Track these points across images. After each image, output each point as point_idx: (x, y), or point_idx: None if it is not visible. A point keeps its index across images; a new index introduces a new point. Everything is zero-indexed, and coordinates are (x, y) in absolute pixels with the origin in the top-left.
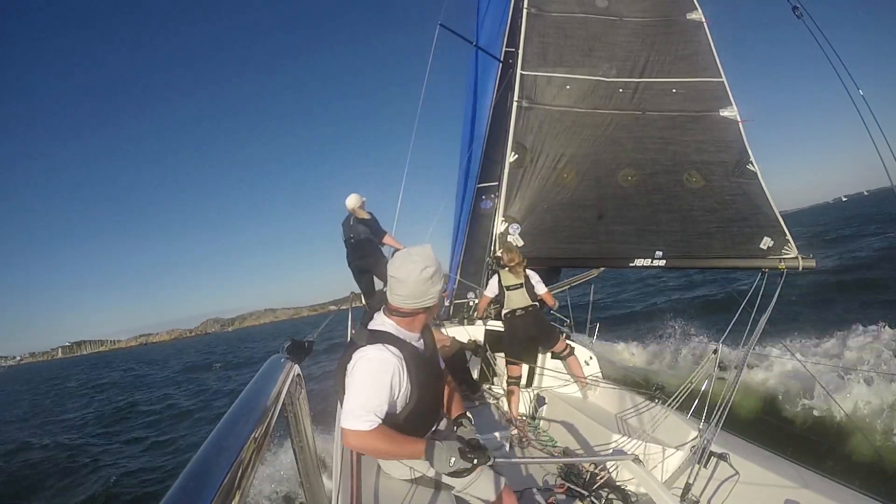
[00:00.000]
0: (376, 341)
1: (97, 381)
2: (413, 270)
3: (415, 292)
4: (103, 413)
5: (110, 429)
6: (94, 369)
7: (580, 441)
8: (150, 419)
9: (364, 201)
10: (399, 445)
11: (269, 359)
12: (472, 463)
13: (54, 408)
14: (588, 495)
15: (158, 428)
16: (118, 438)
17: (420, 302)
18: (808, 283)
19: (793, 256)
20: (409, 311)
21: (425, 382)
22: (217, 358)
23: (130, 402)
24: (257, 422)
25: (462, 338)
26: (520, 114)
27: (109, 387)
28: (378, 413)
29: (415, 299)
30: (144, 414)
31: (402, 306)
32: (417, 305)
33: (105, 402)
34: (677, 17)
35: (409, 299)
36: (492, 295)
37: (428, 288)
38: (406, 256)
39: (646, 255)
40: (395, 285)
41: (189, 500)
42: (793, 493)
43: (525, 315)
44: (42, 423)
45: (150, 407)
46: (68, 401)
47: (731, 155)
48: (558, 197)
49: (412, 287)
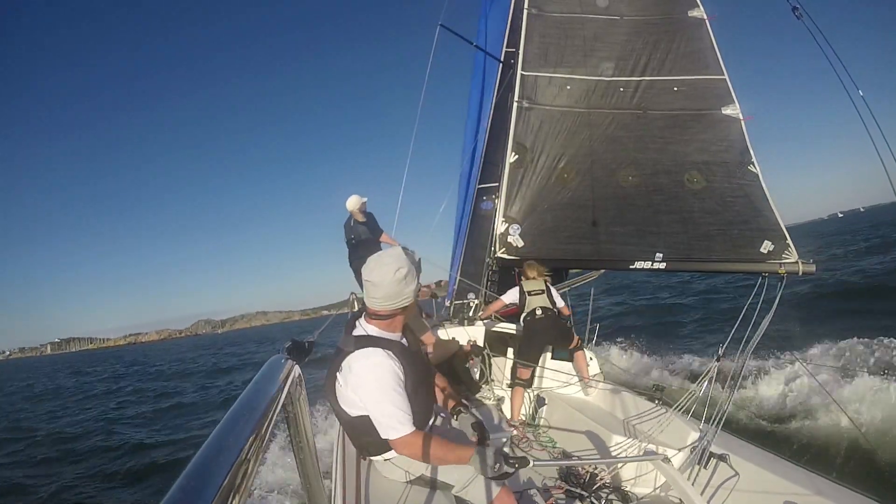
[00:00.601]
0: (366, 346)
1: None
2: (387, 273)
3: (390, 293)
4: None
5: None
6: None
7: (580, 442)
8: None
9: (364, 202)
10: (450, 450)
11: (269, 359)
12: (514, 468)
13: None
14: (588, 496)
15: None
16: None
17: (396, 303)
18: (809, 289)
19: (793, 261)
20: (387, 313)
21: (417, 376)
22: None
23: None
24: (257, 422)
25: (462, 338)
26: (520, 114)
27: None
28: (409, 413)
29: (391, 300)
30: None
31: (379, 309)
32: (395, 306)
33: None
34: (679, 15)
35: (385, 301)
36: (507, 301)
37: (402, 288)
38: (378, 259)
39: (646, 258)
40: (371, 289)
41: (189, 500)
42: (792, 494)
43: (545, 318)
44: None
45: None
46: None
47: (733, 155)
48: (558, 197)
49: (387, 289)
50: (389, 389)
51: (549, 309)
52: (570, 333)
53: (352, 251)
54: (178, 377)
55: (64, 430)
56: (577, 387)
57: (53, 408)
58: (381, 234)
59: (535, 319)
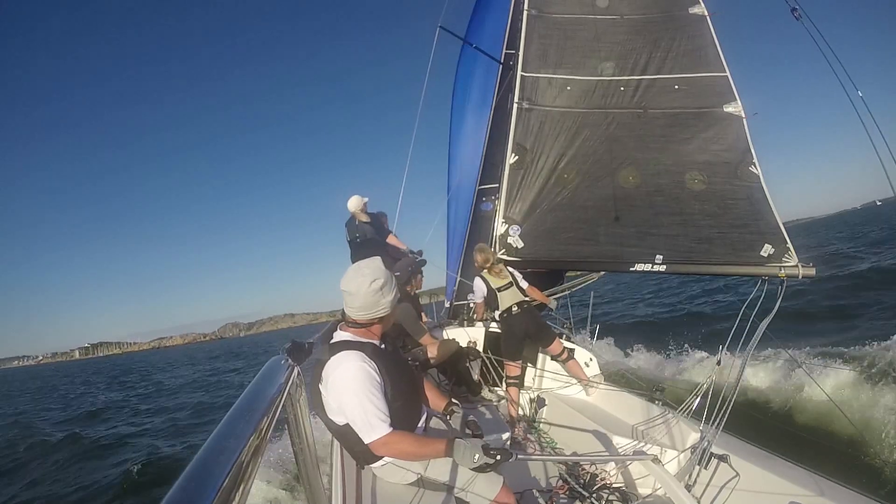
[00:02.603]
0: (340, 350)
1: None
2: (363, 283)
3: (366, 303)
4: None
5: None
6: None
7: (581, 442)
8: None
9: (366, 202)
10: (425, 445)
11: (269, 360)
12: (495, 459)
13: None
14: (589, 496)
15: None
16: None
17: (373, 312)
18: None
19: (793, 265)
20: (364, 321)
21: (395, 375)
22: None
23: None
24: (257, 423)
25: (462, 339)
26: (520, 115)
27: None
28: (385, 414)
29: (367, 310)
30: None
31: (357, 318)
32: (371, 316)
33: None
34: (679, 12)
35: (361, 311)
36: (482, 299)
37: (379, 299)
38: (356, 270)
39: (646, 260)
40: (348, 298)
41: (189, 500)
42: (793, 495)
43: (521, 313)
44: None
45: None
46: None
47: (734, 155)
48: (559, 198)
49: (363, 299)
50: (363, 391)
51: (524, 302)
52: (548, 330)
53: (355, 250)
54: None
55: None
56: (578, 387)
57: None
58: (388, 235)
59: (512, 316)
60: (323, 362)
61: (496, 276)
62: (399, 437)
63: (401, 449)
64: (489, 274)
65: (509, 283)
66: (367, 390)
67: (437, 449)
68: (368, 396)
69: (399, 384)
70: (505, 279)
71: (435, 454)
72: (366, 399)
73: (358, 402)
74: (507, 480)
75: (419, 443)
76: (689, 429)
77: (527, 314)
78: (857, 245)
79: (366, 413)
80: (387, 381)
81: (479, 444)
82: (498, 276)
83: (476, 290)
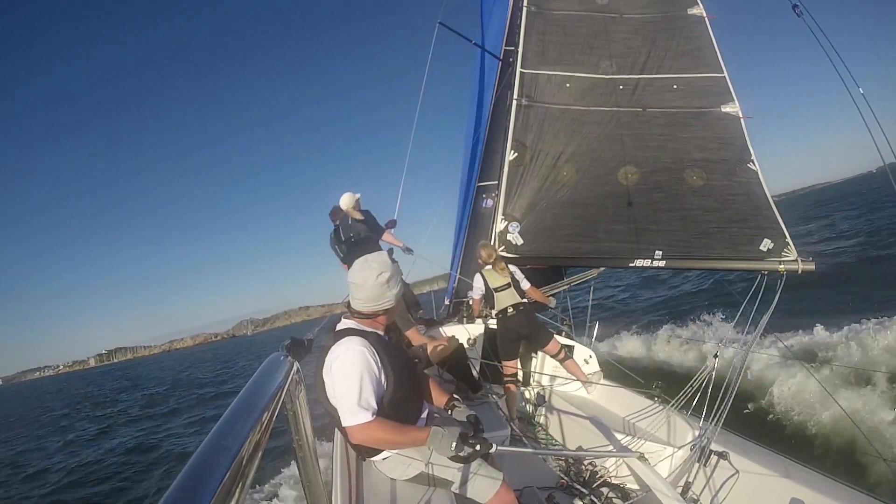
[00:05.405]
0: (343, 336)
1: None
2: (370, 276)
3: (372, 296)
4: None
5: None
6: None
7: (580, 440)
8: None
9: (358, 199)
10: (402, 433)
11: (268, 357)
12: (474, 448)
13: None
14: (588, 493)
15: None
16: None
17: (378, 305)
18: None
19: (792, 259)
20: (369, 313)
21: (397, 366)
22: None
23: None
24: (257, 420)
25: (462, 336)
26: (519, 112)
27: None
28: (372, 402)
29: (373, 302)
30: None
31: (362, 309)
32: (376, 308)
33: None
34: (678, 13)
35: (367, 303)
36: (479, 296)
37: (384, 292)
38: (364, 263)
39: (646, 256)
40: (354, 290)
41: (188, 499)
42: (793, 492)
43: (516, 314)
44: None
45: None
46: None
47: (732, 153)
48: (558, 195)
49: (369, 291)
50: (356, 375)
51: (520, 304)
52: (543, 331)
53: (350, 250)
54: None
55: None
56: (578, 384)
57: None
58: (383, 233)
59: (507, 317)
60: (327, 348)
61: (497, 275)
62: (378, 424)
63: (377, 436)
64: (490, 271)
65: (507, 284)
66: (360, 375)
67: (415, 437)
68: (360, 381)
69: (401, 376)
70: (504, 279)
71: (413, 443)
72: (357, 383)
73: (348, 385)
74: (507, 477)
75: (397, 430)
76: (688, 426)
77: (521, 316)
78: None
79: (352, 396)
80: (388, 371)
81: (456, 432)
82: (499, 274)
83: (474, 287)
